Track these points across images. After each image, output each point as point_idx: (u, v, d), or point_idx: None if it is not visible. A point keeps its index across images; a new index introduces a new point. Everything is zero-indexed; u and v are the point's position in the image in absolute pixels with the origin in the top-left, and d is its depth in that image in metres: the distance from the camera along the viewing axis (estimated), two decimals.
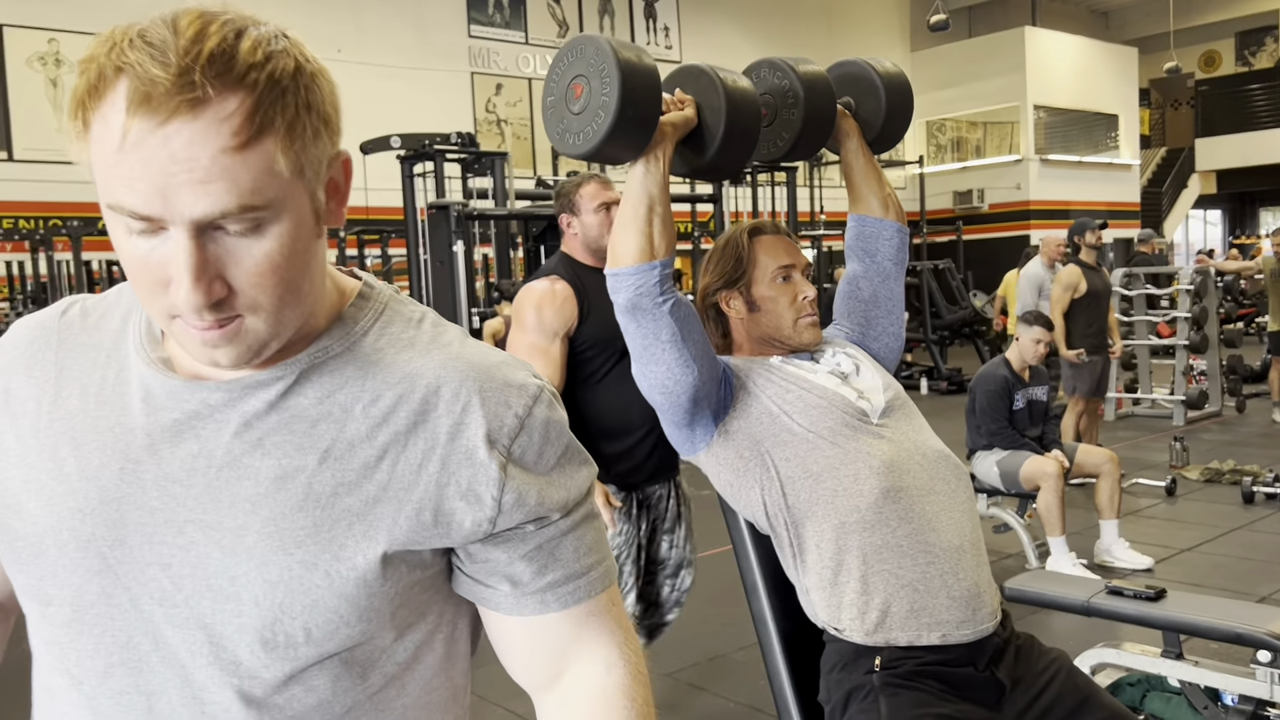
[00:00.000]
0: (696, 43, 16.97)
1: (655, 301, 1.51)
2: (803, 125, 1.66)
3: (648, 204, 1.50)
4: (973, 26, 20.96)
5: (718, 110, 1.54)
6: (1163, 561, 4.52)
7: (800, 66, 1.66)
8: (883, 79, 1.78)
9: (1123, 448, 7.29)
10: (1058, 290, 6.09)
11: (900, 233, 1.81)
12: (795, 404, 1.57)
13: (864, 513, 1.49)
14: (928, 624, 1.48)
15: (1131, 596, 2.76)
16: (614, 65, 1.41)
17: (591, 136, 1.44)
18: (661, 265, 1.51)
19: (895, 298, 1.83)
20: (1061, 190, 19.35)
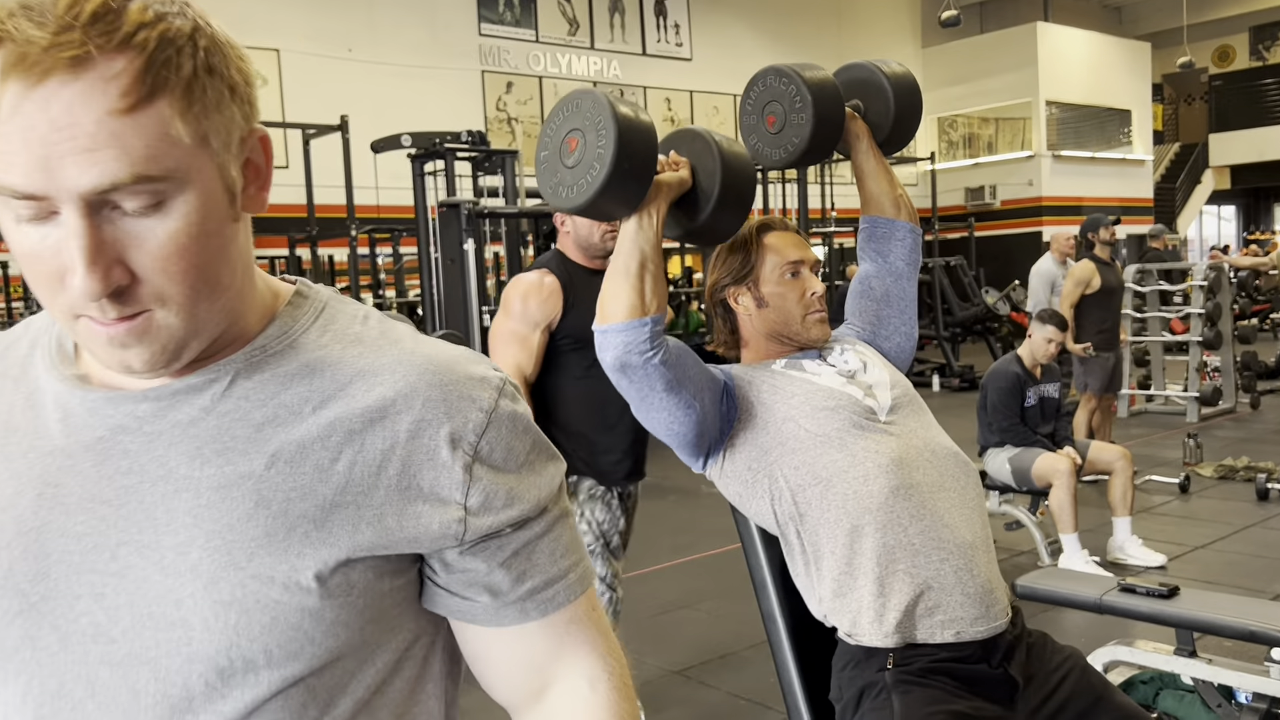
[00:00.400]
0: (706, 40, 16.95)
1: (645, 358, 1.48)
2: (812, 130, 1.66)
3: (639, 260, 1.48)
4: (984, 22, 20.89)
5: (713, 173, 1.53)
6: (1176, 559, 4.50)
7: (806, 72, 1.66)
8: (890, 80, 1.78)
9: (1136, 444, 7.25)
10: (1069, 285, 6.07)
11: (913, 233, 1.81)
12: (802, 408, 1.56)
13: (876, 513, 1.48)
14: (942, 621, 1.47)
15: (1144, 594, 2.75)
16: (610, 118, 1.40)
17: (586, 189, 1.42)
18: (653, 322, 1.49)
19: (908, 297, 1.82)
20: (1074, 186, 19.27)
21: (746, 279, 1.70)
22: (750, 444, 1.57)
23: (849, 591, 1.50)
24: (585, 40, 15.72)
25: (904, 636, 1.47)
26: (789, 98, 1.67)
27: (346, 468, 0.71)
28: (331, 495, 0.70)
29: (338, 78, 13.01)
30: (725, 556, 4.82)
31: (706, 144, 1.56)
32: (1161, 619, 2.73)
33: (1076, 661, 1.59)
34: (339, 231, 11.32)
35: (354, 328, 0.77)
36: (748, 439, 1.57)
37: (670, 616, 4.09)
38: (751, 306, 1.70)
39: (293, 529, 0.69)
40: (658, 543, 5.20)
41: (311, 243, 11.89)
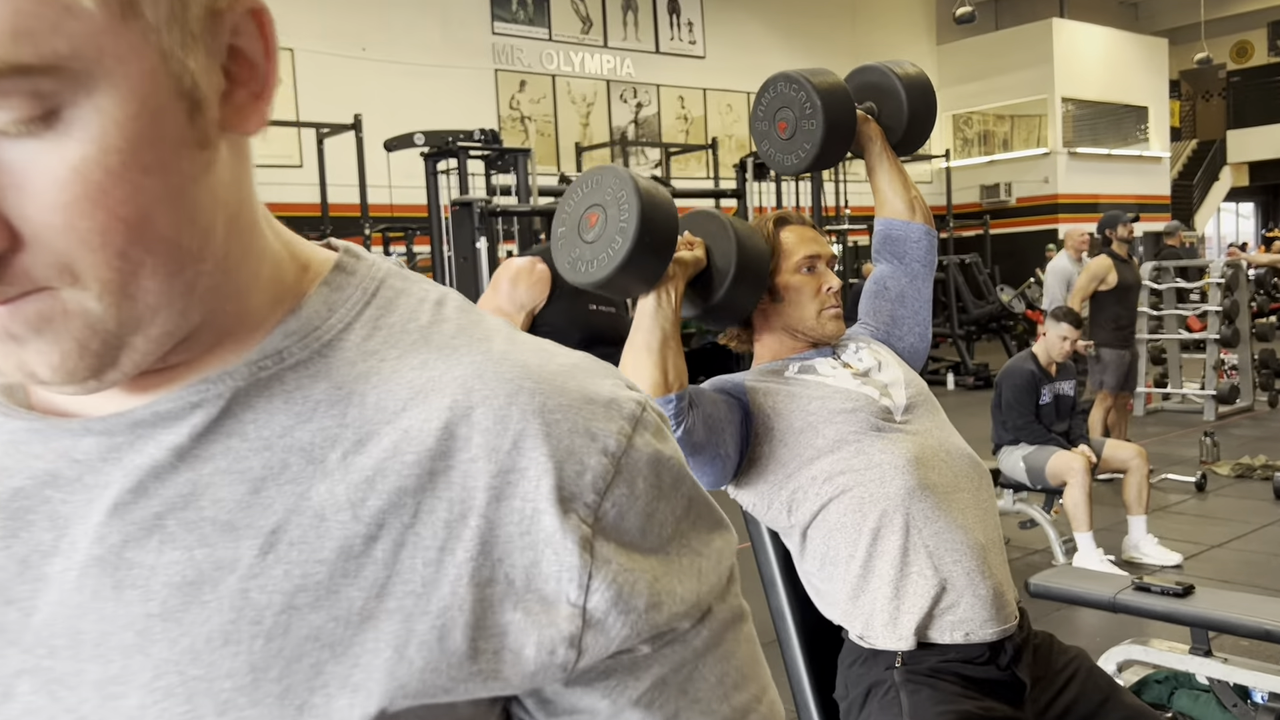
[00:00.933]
0: (720, 38, 16.93)
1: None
2: (823, 136, 1.66)
3: (661, 338, 1.48)
4: (999, 19, 20.79)
5: (728, 253, 1.55)
6: (1192, 558, 4.46)
7: (816, 78, 1.67)
8: (903, 82, 1.78)
9: (1152, 443, 7.20)
10: (1083, 279, 6.02)
11: (928, 235, 1.79)
12: (819, 413, 1.55)
13: (893, 515, 1.48)
14: (953, 623, 1.46)
15: (1159, 593, 2.73)
16: (633, 192, 1.40)
17: (606, 264, 1.42)
18: (676, 399, 1.48)
19: (922, 297, 1.81)
20: (1090, 184, 19.17)
21: None
22: (768, 458, 1.56)
23: (862, 594, 1.49)
24: (598, 39, 15.72)
25: (918, 639, 1.46)
26: (799, 104, 1.68)
27: (389, 553, 0.45)
28: (363, 601, 0.44)
29: (351, 77, 13.05)
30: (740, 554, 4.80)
31: (721, 224, 1.58)
32: (1176, 618, 2.71)
33: (1083, 662, 1.59)
34: (353, 230, 11.36)
35: (419, 319, 0.50)
36: (765, 453, 1.57)
37: None
38: (767, 300, 1.70)
39: (296, 660, 0.43)
40: None
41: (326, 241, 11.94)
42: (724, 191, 10.13)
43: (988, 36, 19.80)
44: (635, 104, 16.17)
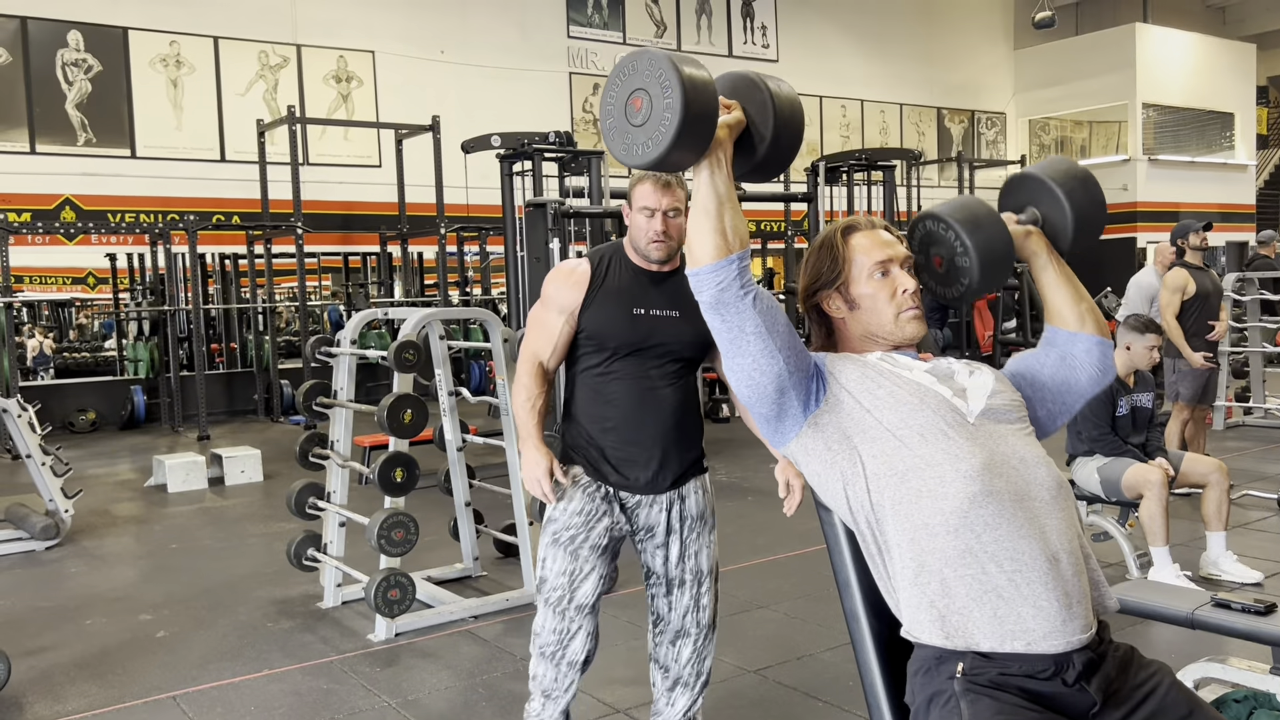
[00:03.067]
0: (793, 41, 16.86)
1: (738, 295, 1.55)
2: (979, 273, 1.67)
3: (717, 202, 1.54)
4: (1080, 23, 20.37)
5: (764, 106, 1.61)
6: (1273, 576, 4.35)
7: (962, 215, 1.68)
8: (1065, 190, 1.71)
9: (1232, 458, 7.03)
10: (1166, 294, 5.92)
11: (1100, 345, 1.73)
12: (885, 399, 1.57)
13: (948, 516, 1.48)
14: (1012, 631, 1.45)
15: (1239, 610, 2.69)
16: (673, 71, 1.47)
17: (659, 142, 1.49)
18: (739, 259, 1.55)
19: (1077, 398, 1.77)
20: (1171, 191, 18.68)
21: (836, 282, 1.71)
22: (833, 426, 1.59)
23: (914, 587, 1.50)
24: (672, 42, 15.77)
25: (966, 641, 1.46)
26: (949, 242, 1.69)
27: None
28: None
29: (430, 79, 13.28)
30: (804, 559, 4.81)
31: (753, 82, 1.63)
32: (1257, 636, 2.66)
33: (1165, 676, 1.54)
34: (429, 229, 11.58)
35: None
36: (831, 421, 1.59)
37: (748, 616, 4.11)
38: (844, 309, 1.71)
39: None
40: (737, 542, 5.22)
41: (402, 240, 12.18)
42: (794, 195, 10.09)
43: (1067, 41, 19.41)
44: None
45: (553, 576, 2.42)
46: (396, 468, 3.90)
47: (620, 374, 2.42)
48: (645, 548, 2.52)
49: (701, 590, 2.55)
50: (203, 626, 4.20)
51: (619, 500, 2.46)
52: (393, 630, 3.94)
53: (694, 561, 2.53)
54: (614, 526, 2.45)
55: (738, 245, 1.55)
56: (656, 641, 2.59)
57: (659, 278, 2.46)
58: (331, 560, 4.34)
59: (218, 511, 6.59)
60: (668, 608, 2.55)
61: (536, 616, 2.47)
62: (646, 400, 2.42)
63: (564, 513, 2.42)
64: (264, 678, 3.60)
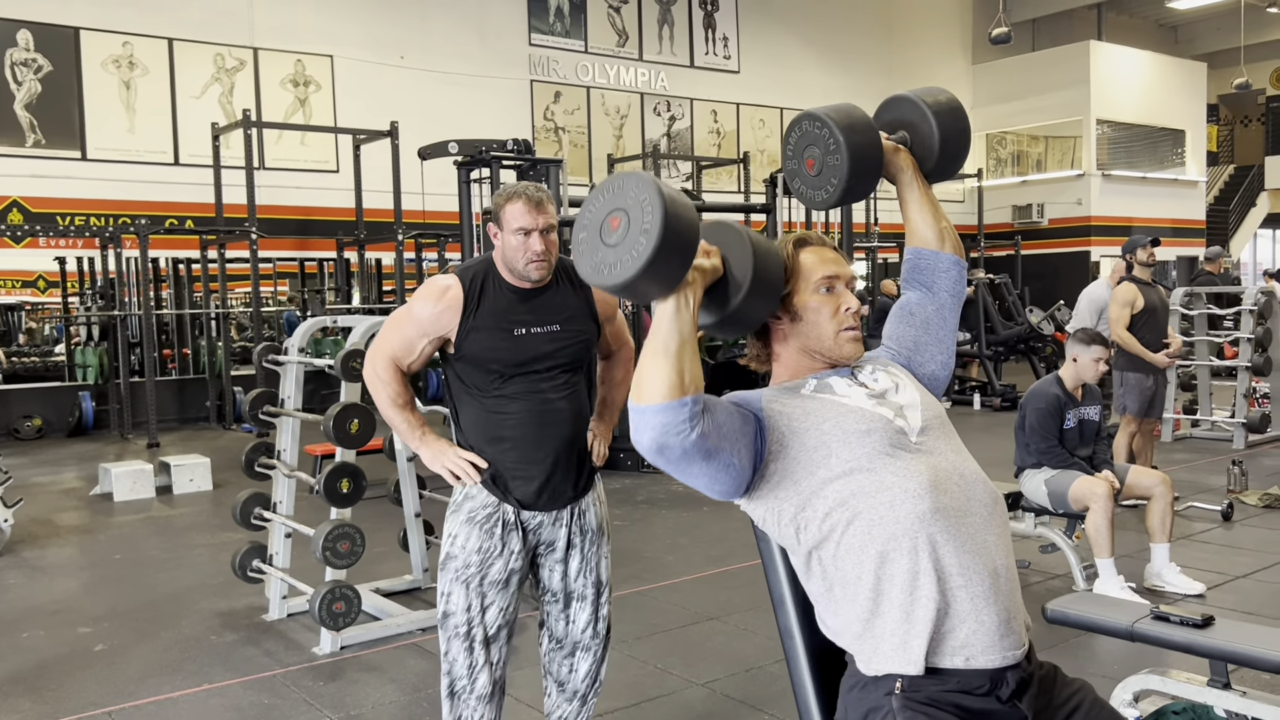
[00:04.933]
0: (755, 52, 16.96)
1: (682, 439, 1.47)
2: (848, 171, 1.66)
3: (679, 342, 1.48)
4: (1036, 40, 20.69)
5: (744, 263, 1.57)
6: (1216, 588, 4.42)
7: (838, 115, 1.68)
8: (934, 110, 1.76)
9: (1179, 470, 7.14)
10: (1115, 309, 5.98)
11: (957, 265, 1.79)
12: (833, 433, 1.55)
13: (902, 539, 1.47)
14: (954, 647, 1.45)
15: (1178, 623, 2.71)
16: (656, 195, 1.42)
17: (630, 265, 1.42)
18: (692, 402, 1.47)
19: (948, 326, 1.80)
20: (1124, 206, 19.01)
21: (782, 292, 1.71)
22: (780, 474, 1.56)
23: (875, 619, 1.48)
24: (634, 51, 15.80)
25: (928, 663, 1.46)
26: (824, 141, 1.68)
27: None
28: None
29: (389, 84, 13.18)
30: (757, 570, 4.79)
31: (738, 234, 1.60)
32: (1195, 649, 2.69)
33: (1087, 694, 1.56)
34: (386, 236, 11.48)
35: None
36: (778, 469, 1.56)
37: (698, 628, 4.10)
38: (785, 320, 1.70)
39: None
40: (691, 553, 5.21)
41: (359, 246, 12.07)
42: (754, 206, 10.13)
43: (1024, 57, 19.71)
44: (669, 117, 16.22)
45: (458, 612, 2.39)
46: (343, 478, 3.85)
47: (513, 394, 2.39)
48: (544, 563, 2.50)
49: (601, 601, 2.54)
50: (144, 639, 4.11)
51: (519, 525, 2.42)
52: (338, 643, 3.88)
53: (594, 574, 2.52)
54: (513, 557, 2.41)
55: (692, 389, 1.48)
56: (550, 657, 2.57)
57: (534, 293, 2.42)
58: (276, 572, 4.27)
59: (165, 521, 6.47)
60: (566, 622, 2.53)
61: (445, 654, 2.41)
62: (545, 417, 2.40)
63: (463, 550, 2.39)
64: (203, 692, 3.53)
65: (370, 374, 2.45)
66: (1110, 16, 20.65)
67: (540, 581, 2.53)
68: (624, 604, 4.35)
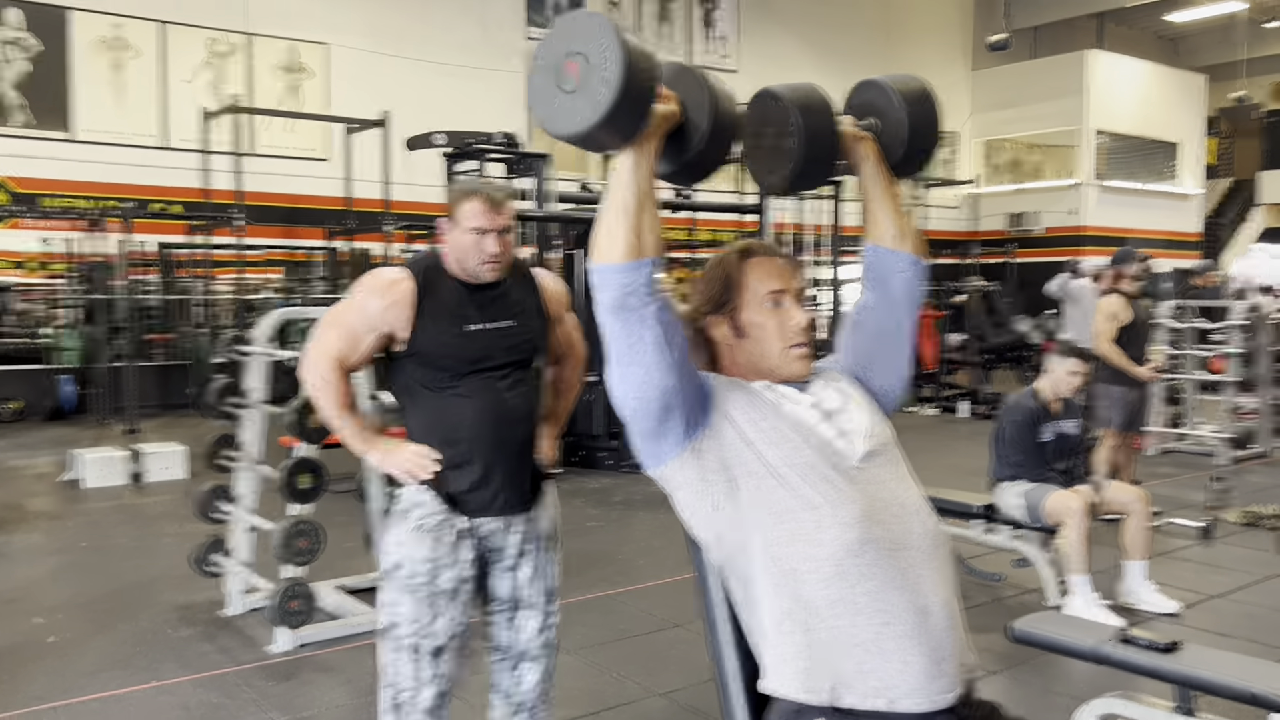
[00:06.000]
0: (754, 53, 16.88)
1: (643, 300, 1.43)
2: (802, 155, 1.55)
3: (638, 198, 1.42)
4: (1036, 48, 20.61)
5: (702, 106, 1.49)
6: (1191, 607, 4.36)
7: (795, 94, 1.56)
8: (903, 98, 1.65)
9: (1162, 484, 7.09)
10: (1102, 321, 5.91)
11: (915, 265, 1.68)
12: (769, 433, 1.48)
13: (821, 563, 1.40)
14: (875, 688, 1.37)
15: (1144, 646, 2.65)
16: (616, 40, 1.34)
17: (588, 116, 1.35)
18: (651, 264, 1.43)
19: (904, 333, 1.70)
20: (1119, 217, 18.96)
21: (726, 307, 1.62)
22: (712, 454, 1.49)
23: (778, 635, 1.42)
24: None
25: (831, 697, 1.38)
26: (780, 122, 1.58)
27: None
28: None
29: (385, 74, 13.08)
30: None
31: (695, 77, 1.51)
32: (1159, 674, 2.63)
33: None
34: (375, 226, 11.40)
35: None
36: (711, 449, 1.49)
37: (662, 635, 4.03)
38: (730, 337, 1.61)
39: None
40: (663, 557, 5.15)
41: (348, 236, 11.99)
42: (745, 206, 10.06)
43: (1023, 64, 19.64)
44: None
45: (405, 623, 2.30)
46: (303, 473, 3.77)
47: (466, 392, 2.30)
48: (493, 571, 2.41)
49: (550, 609, 2.47)
50: (99, 632, 4.03)
51: (471, 533, 2.34)
52: (295, 641, 3.80)
53: (545, 582, 2.45)
54: (464, 566, 2.33)
55: (652, 249, 1.44)
56: (496, 668, 2.48)
57: (485, 288, 2.34)
58: (235, 566, 4.19)
59: (134, 509, 6.39)
60: (514, 631, 2.45)
61: (389, 666, 2.32)
62: (499, 415, 2.31)
63: (410, 559, 2.29)
64: (152, 689, 3.45)
65: (313, 377, 2.34)
66: (1111, 27, 20.59)
67: (488, 589, 2.45)
68: (591, 608, 4.28)
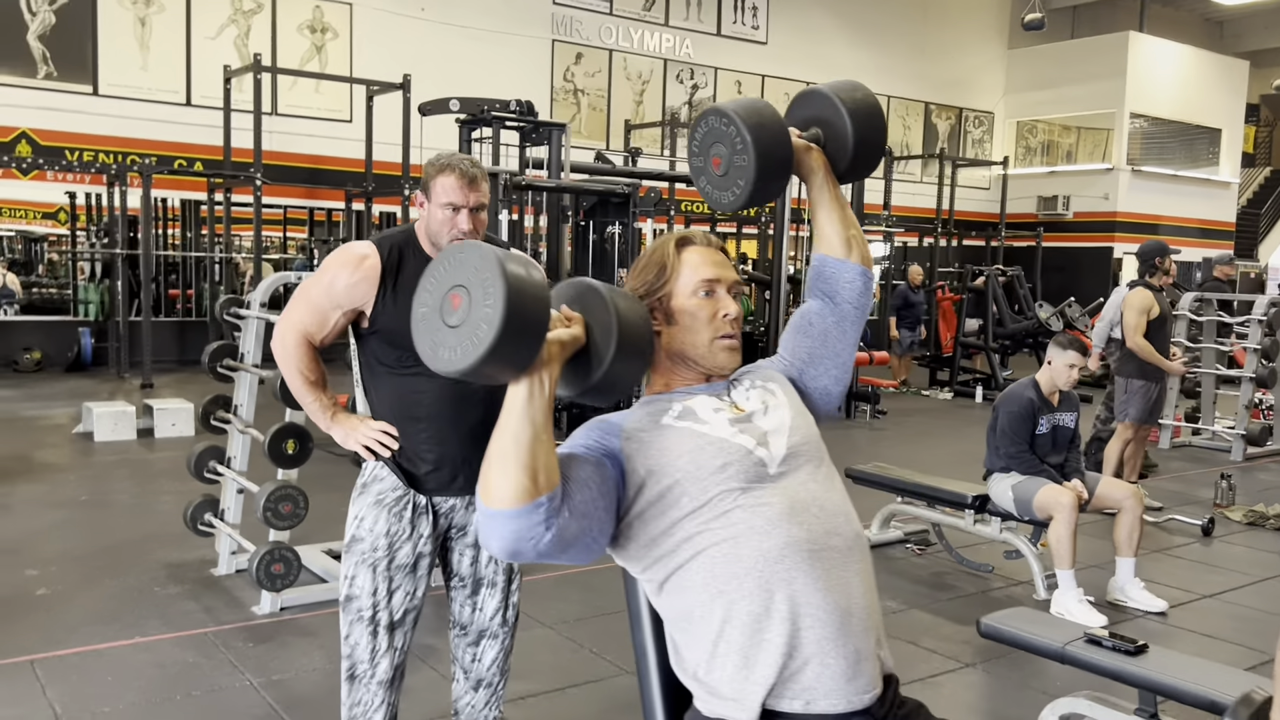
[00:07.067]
0: (784, 24, 16.67)
1: (535, 544, 1.36)
2: (755, 173, 1.55)
3: (531, 434, 1.34)
4: (1076, 28, 20.25)
5: (608, 328, 1.42)
6: (1180, 606, 4.31)
7: (745, 112, 1.56)
8: (849, 109, 1.66)
9: (1171, 479, 7.01)
10: (1133, 315, 5.80)
11: (863, 276, 1.69)
12: (687, 469, 1.45)
13: (745, 581, 1.39)
14: (796, 690, 1.37)
15: (1109, 648, 2.63)
16: (498, 274, 1.27)
17: (469, 352, 1.29)
18: (547, 501, 1.35)
19: (847, 340, 1.70)
20: (1152, 203, 18.66)
21: (660, 293, 1.61)
22: (635, 517, 1.47)
23: (714, 659, 1.41)
24: (660, 16, 15.55)
25: (763, 708, 1.37)
26: (730, 139, 1.57)
27: None
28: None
29: (409, 36, 13.03)
30: None
31: (598, 295, 1.45)
32: (1122, 677, 2.60)
33: None
34: (393, 189, 11.40)
35: None
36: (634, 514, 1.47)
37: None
38: (662, 323, 1.61)
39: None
40: None
41: (367, 198, 12.00)
42: None
43: (1060, 44, 19.29)
44: (691, 85, 15.99)
45: (363, 596, 2.31)
46: (288, 439, 3.79)
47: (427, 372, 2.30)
48: (454, 547, 2.42)
49: (512, 588, 2.48)
50: (88, 586, 4.09)
51: (430, 509, 2.34)
52: (278, 604, 3.84)
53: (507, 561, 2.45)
54: (422, 541, 2.34)
55: (546, 486, 1.35)
56: (456, 644, 2.51)
57: None
58: (226, 527, 4.23)
59: (140, 464, 6.47)
60: (473, 609, 2.46)
61: (346, 637, 2.34)
62: (461, 395, 2.30)
63: (370, 533, 2.31)
64: (132, 646, 3.50)
65: (279, 349, 2.36)
66: (1155, 8, 20.16)
67: (449, 566, 2.46)
68: (570, 584, 4.30)
